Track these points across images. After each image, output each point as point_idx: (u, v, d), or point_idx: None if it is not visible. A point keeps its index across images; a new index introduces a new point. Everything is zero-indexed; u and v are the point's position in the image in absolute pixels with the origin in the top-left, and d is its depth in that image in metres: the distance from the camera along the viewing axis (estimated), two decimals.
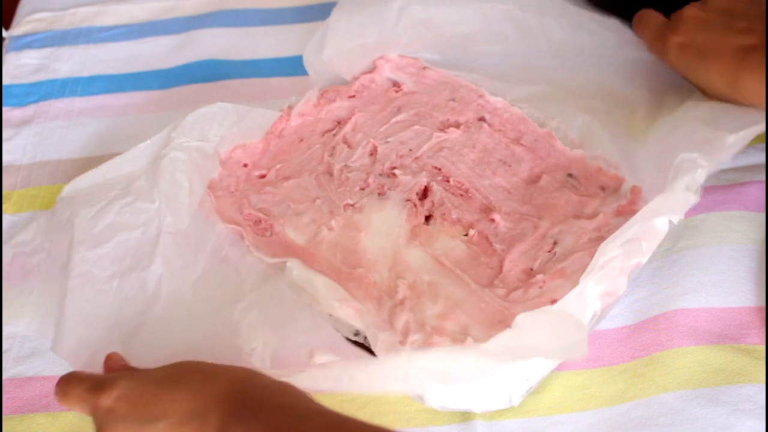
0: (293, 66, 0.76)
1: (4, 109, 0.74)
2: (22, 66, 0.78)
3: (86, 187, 0.61)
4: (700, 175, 0.51)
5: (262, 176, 0.64)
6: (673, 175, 0.52)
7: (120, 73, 0.78)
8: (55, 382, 0.48)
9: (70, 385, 0.47)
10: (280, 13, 0.83)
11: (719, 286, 0.56)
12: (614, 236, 0.49)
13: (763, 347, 0.53)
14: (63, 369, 0.54)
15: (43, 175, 0.69)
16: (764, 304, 0.55)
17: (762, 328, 0.54)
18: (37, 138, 0.72)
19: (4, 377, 0.56)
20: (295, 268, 0.56)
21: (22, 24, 0.83)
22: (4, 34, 0.84)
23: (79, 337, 0.54)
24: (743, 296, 0.55)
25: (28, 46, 0.80)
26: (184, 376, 0.44)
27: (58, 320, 0.55)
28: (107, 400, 0.44)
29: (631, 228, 0.49)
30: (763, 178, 0.61)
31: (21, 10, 0.85)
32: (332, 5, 0.82)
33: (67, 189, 0.61)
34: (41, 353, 0.57)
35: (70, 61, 0.79)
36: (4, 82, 0.77)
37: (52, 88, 0.76)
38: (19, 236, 0.60)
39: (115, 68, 0.78)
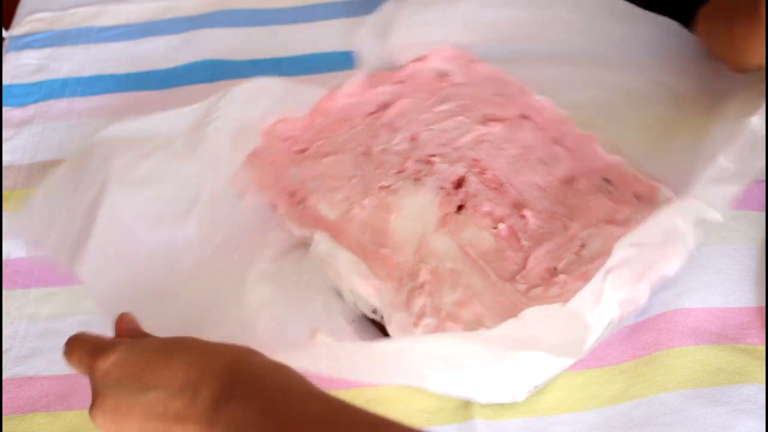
0: (293, 66, 0.76)
1: (4, 109, 0.74)
2: (22, 66, 0.78)
3: (119, 136, 0.62)
4: (724, 162, 0.49)
5: (302, 150, 0.65)
6: (695, 178, 0.51)
7: (120, 73, 0.78)
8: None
9: (75, 344, 0.47)
10: (279, 13, 0.83)
11: (719, 286, 0.56)
12: (628, 236, 0.48)
13: (763, 347, 0.53)
14: (64, 369, 0.54)
15: (43, 175, 0.69)
16: (764, 304, 0.55)
17: (762, 328, 0.54)
18: (37, 138, 0.72)
19: (4, 377, 0.56)
20: (322, 241, 0.57)
21: (22, 24, 0.83)
22: (4, 34, 0.84)
23: (100, 266, 0.55)
24: (743, 296, 0.55)
25: (28, 46, 0.80)
26: (181, 349, 0.43)
27: (82, 243, 0.56)
28: (104, 363, 0.44)
29: (645, 229, 0.48)
30: (764, 177, 0.61)
31: (21, 10, 0.85)
32: (332, 5, 0.82)
33: (101, 135, 0.62)
34: (41, 353, 0.57)
35: (70, 61, 0.79)
36: (4, 82, 0.77)
37: (52, 88, 0.76)
38: (49, 177, 0.61)
39: (115, 68, 0.78)
